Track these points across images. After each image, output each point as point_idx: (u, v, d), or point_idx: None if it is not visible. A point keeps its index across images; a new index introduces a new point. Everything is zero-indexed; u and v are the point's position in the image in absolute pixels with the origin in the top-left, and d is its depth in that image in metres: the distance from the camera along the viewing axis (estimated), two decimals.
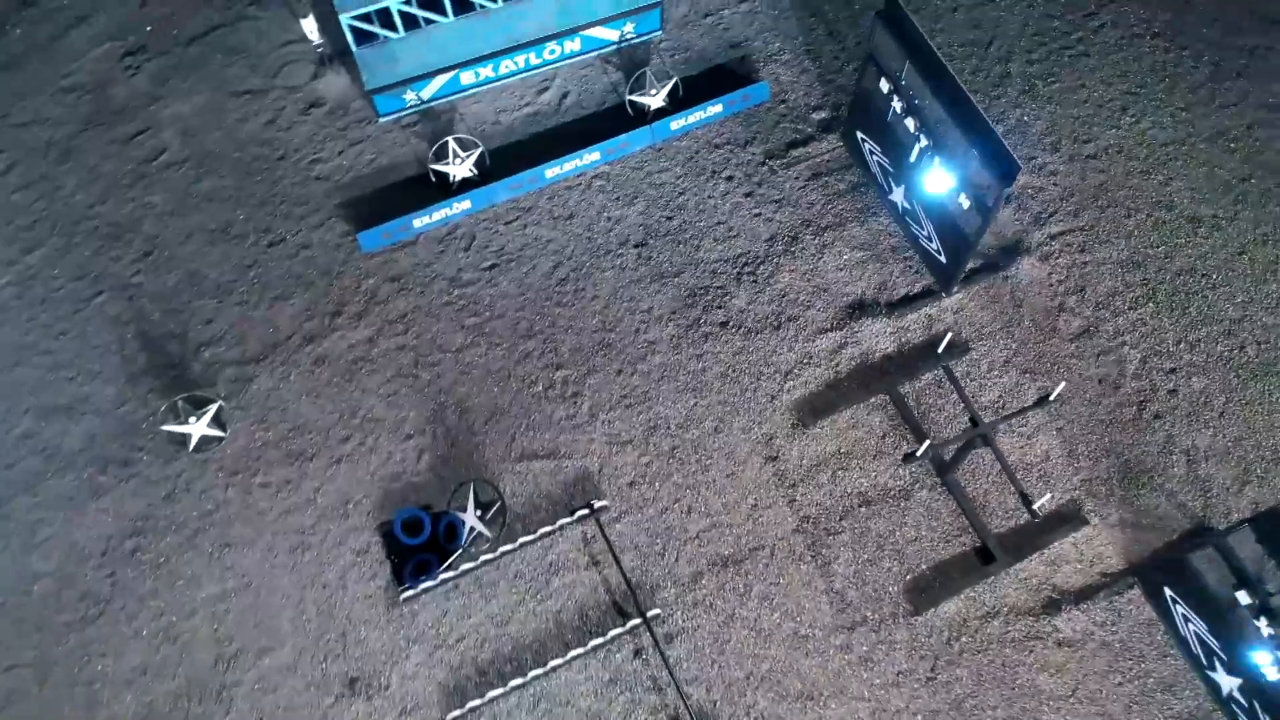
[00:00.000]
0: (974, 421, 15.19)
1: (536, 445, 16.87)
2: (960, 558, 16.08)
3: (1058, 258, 18.19)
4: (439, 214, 18.40)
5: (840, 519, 16.32)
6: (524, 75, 19.76)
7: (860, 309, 17.84)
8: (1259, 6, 20.29)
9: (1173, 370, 17.27)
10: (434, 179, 18.67)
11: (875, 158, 18.16)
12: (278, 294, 18.01)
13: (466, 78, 19.27)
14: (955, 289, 17.77)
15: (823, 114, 19.50)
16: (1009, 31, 20.19)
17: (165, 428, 16.51)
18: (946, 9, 20.27)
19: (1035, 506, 14.84)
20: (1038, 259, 18.17)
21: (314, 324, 17.76)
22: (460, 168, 18.50)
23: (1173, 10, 20.31)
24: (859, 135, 18.39)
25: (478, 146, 18.60)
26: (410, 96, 19.12)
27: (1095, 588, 15.84)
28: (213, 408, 16.64)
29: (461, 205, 18.48)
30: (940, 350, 16.06)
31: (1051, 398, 15.02)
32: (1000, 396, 17.07)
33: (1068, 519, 16.22)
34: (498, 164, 18.81)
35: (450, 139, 18.35)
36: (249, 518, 16.36)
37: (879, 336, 17.60)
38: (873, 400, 17.09)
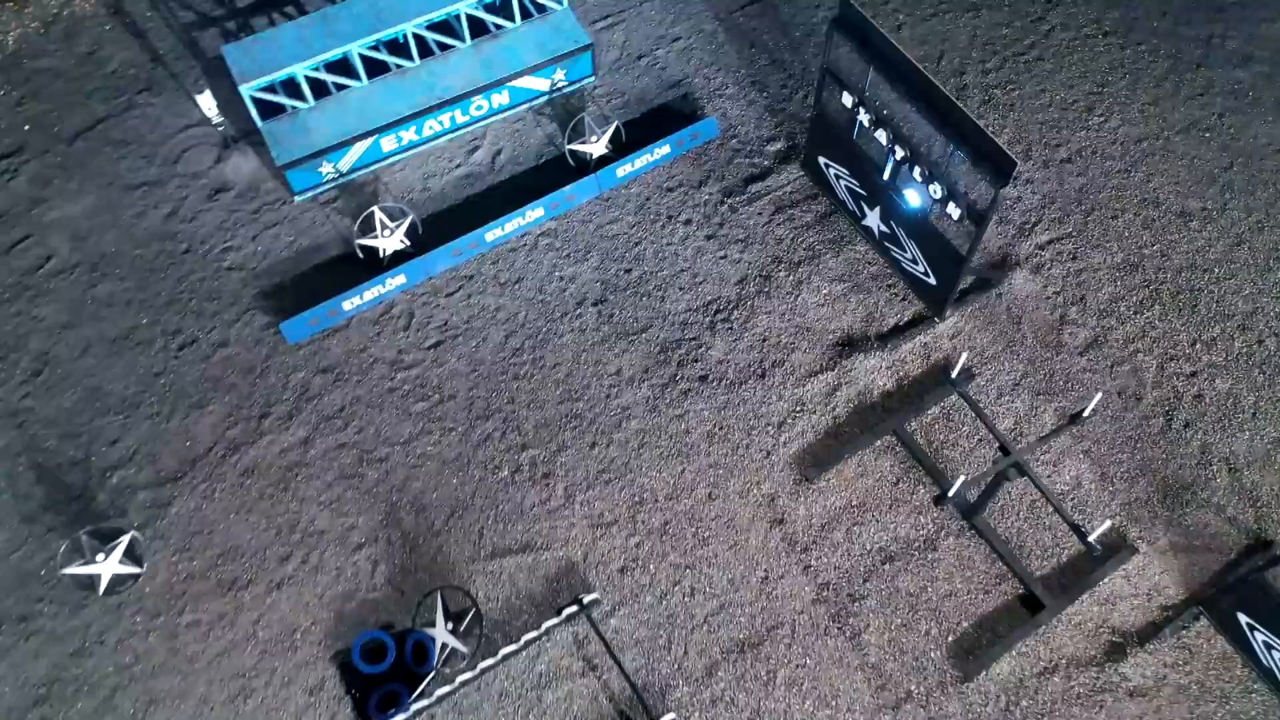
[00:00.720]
0: (1004, 450, 13.42)
1: (509, 539, 14.67)
2: (1004, 608, 14.15)
3: (1050, 268, 16.82)
4: (371, 293, 16.42)
5: (864, 581, 14.32)
6: (451, 135, 18.10)
7: (850, 345, 16.17)
8: None
9: (1194, 374, 15.83)
10: (362, 255, 16.74)
11: (843, 182, 16.74)
12: (194, 402, 15.73)
13: (388, 144, 17.53)
14: (948, 312, 16.24)
15: (778, 145, 18.12)
16: (958, 44, 19.20)
17: (68, 570, 13.97)
18: (890, 27, 19.23)
19: (1092, 539, 13.04)
20: (1030, 271, 16.78)
21: (238, 431, 15.49)
22: (390, 240, 16.61)
23: (1120, 7, 19.58)
24: (822, 161, 16.99)
25: (407, 215, 16.77)
26: (327, 169, 17.29)
27: (1158, 624, 14.00)
28: (124, 540, 14.16)
29: (396, 280, 16.54)
30: (955, 375, 14.34)
31: (1086, 413, 13.37)
32: (1016, 423, 15.41)
33: (1114, 549, 14.43)
34: (432, 232, 16.98)
35: (375, 209, 16.50)
36: (177, 666, 13.78)
37: (874, 373, 15.91)
38: (879, 443, 15.30)
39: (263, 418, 15.58)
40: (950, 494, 13.14)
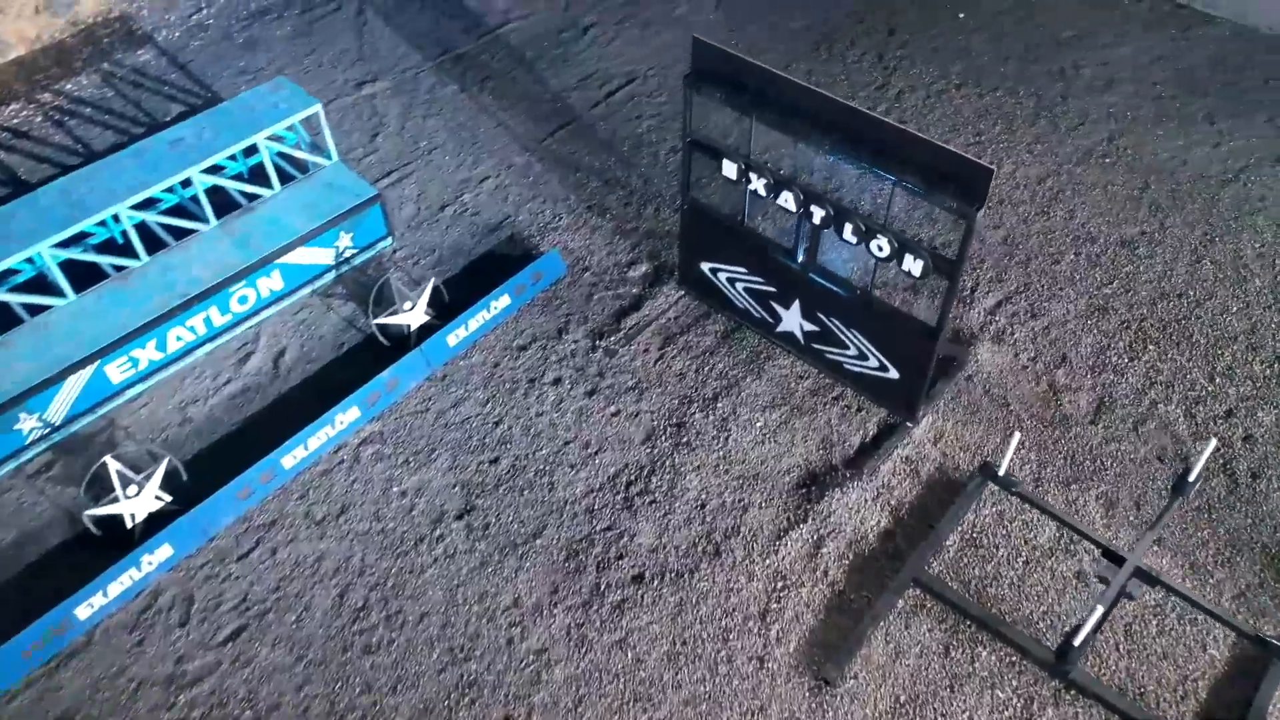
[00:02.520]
0: (1113, 557, 9.24)
1: None
2: None
3: (1013, 333, 13.51)
4: (119, 583, 10.85)
5: None
6: (211, 344, 13.25)
7: (815, 484, 11.94)
8: (1035, 34, 18.17)
9: (1229, 413, 12.57)
10: (98, 532, 11.26)
11: (740, 285, 13.04)
12: None
13: (117, 371, 12.45)
14: (921, 412, 12.44)
15: (642, 267, 14.36)
16: None
17: None
18: (729, 119, 16.36)
19: None
20: (992, 342, 13.39)
21: None
22: (139, 500, 11.27)
23: (959, 60, 17.69)
24: (706, 268, 13.30)
25: (160, 459, 11.56)
26: (29, 424, 11.93)
27: None
28: None
29: (157, 555, 11.08)
30: (1004, 470, 10.21)
31: (1194, 476, 9.53)
32: (1060, 529, 11.42)
33: (1254, 660, 10.38)
34: (202, 476, 11.78)
35: (109, 460, 11.21)
36: None
37: (860, 511, 11.67)
38: (902, 603, 10.87)
39: None
40: (1078, 642, 8.74)
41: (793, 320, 12.72)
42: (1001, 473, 9.87)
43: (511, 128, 16.54)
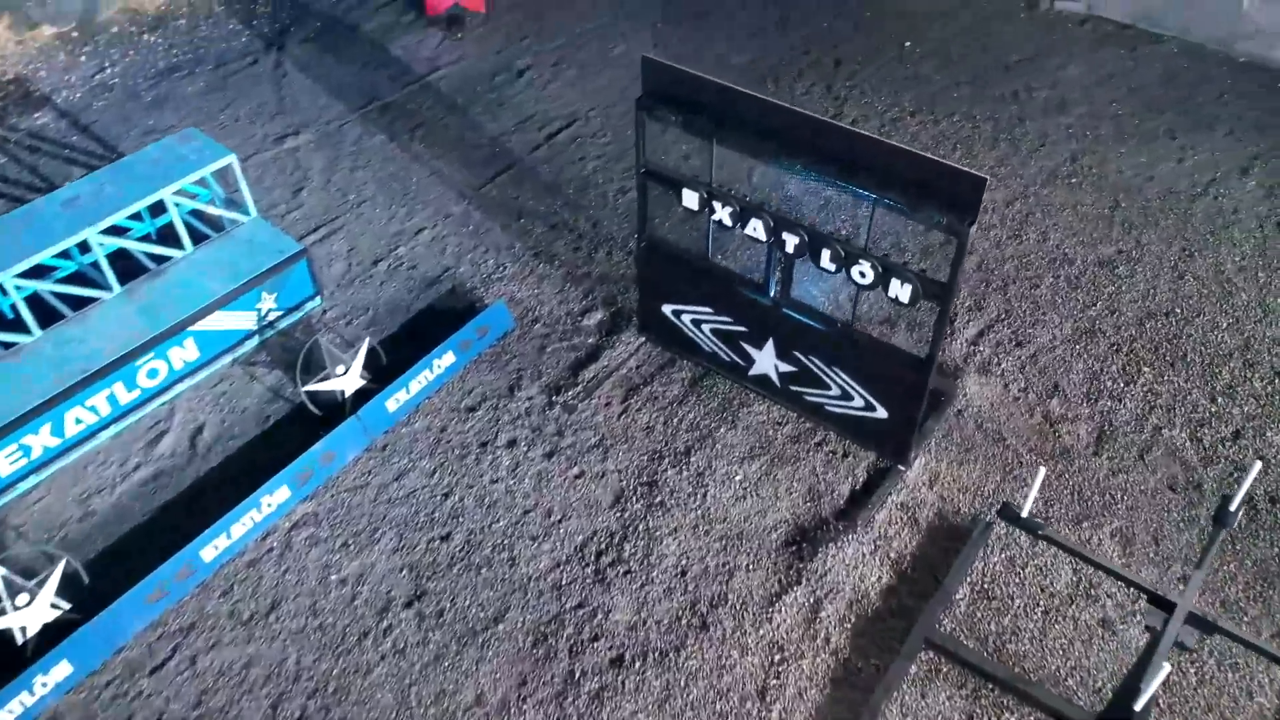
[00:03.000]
0: (1160, 603, 8.14)
1: None
2: None
3: (1000, 363, 12.61)
4: (8, 712, 9.20)
5: None
6: (117, 426, 11.74)
7: (806, 540, 10.77)
8: (982, 59, 17.70)
9: (1236, 434, 11.74)
10: None
11: (707, 327, 11.96)
12: None
13: (6, 463, 10.85)
14: (914, 453, 11.39)
15: (597, 315, 13.23)
16: None
17: None
18: (677, 157, 15.48)
19: None
20: (979, 374, 12.47)
21: None
22: (30, 610, 9.67)
23: (911, 88, 17.09)
24: (668, 310, 12.21)
25: (59, 560, 10.00)
26: None
27: None
28: None
29: (53, 674, 9.46)
30: (1027, 511, 9.06)
31: (1234, 505, 8.53)
32: (1077, 573, 10.40)
33: None
34: (107, 576, 10.23)
35: None
36: None
37: (859, 566, 10.51)
38: (914, 669, 9.68)
39: None
40: (1139, 706, 7.58)
41: (767, 361, 11.66)
42: (1024, 514, 8.81)
43: (447, 176, 15.44)
